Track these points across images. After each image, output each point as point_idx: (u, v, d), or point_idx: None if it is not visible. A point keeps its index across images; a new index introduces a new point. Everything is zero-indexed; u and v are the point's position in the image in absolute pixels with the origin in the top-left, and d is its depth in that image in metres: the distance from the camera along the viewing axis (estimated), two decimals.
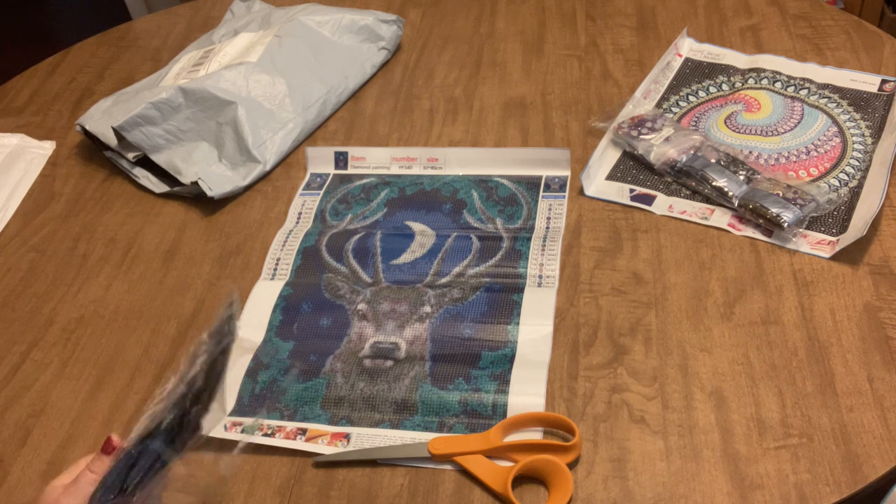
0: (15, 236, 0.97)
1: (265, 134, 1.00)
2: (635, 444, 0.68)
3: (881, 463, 0.65)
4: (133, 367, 0.80)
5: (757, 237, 0.84)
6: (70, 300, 0.88)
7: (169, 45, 1.26)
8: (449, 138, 1.02)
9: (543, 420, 0.70)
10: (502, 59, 1.14)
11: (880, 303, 0.76)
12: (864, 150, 0.92)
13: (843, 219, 0.84)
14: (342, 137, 1.05)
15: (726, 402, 0.70)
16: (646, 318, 0.78)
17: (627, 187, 0.91)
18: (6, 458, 0.74)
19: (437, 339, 0.78)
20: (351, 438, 0.71)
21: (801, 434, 0.67)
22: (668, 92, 1.04)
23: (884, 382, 0.70)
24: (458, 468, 0.68)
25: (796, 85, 1.02)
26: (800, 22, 1.13)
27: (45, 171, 1.06)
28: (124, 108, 1.00)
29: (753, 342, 0.75)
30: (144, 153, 1.00)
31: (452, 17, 1.24)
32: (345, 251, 0.88)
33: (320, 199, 0.95)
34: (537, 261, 0.84)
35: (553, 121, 1.02)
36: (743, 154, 0.92)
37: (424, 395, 0.73)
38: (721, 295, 0.79)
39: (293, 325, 0.81)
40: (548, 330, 0.77)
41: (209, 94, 1.00)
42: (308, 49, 1.09)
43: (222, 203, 0.97)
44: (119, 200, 1.00)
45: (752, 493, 0.64)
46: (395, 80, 1.13)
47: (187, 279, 0.88)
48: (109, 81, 1.20)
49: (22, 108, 1.17)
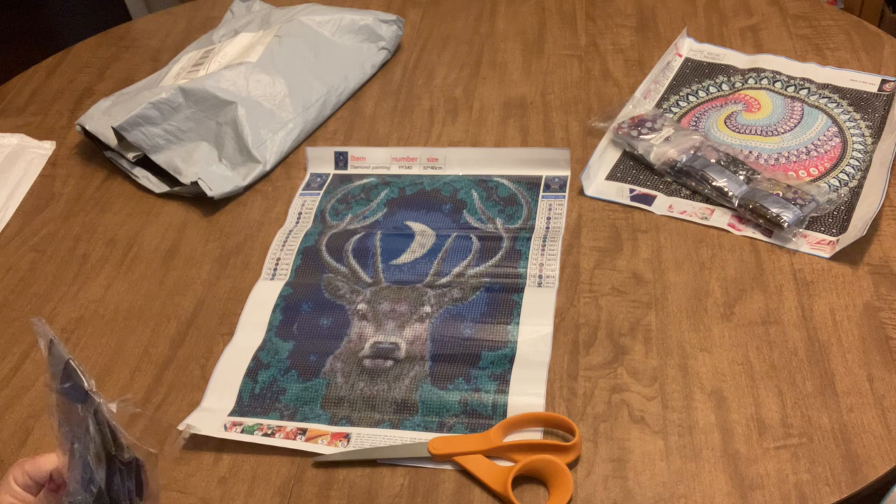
0: (15, 236, 0.97)
1: (265, 134, 1.01)
2: (635, 444, 0.68)
3: (881, 463, 0.65)
4: (133, 367, 0.80)
5: (757, 237, 0.84)
6: (70, 300, 0.88)
7: (169, 45, 1.26)
8: (449, 138, 1.02)
9: (543, 420, 0.70)
10: (502, 59, 1.14)
11: (880, 303, 0.76)
12: (864, 150, 0.92)
13: (843, 219, 0.84)
14: (342, 137, 1.05)
15: (726, 402, 0.70)
16: (646, 318, 0.78)
17: (627, 187, 0.91)
18: (6, 458, 0.74)
19: (437, 339, 0.78)
20: (351, 438, 0.71)
21: (801, 434, 0.67)
22: (668, 92, 1.04)
23: (884, 382, 0.70)
24: (458, 468, 0.68)
25: (796, 85, 1.02)
26: (800, 22, 1.13)
27: (45, 171, 1.06)
28: (124, 108, 1.00)
29: (753, 342, 0.75)
30: (144, 153, 1.00)
31: (452, 17, 1.24)
32: (345, 251, 0.88)
33: (320, 199, 0.95)
34: (537, 261, 0.84)
35: (553, 121, 1.02)
36: (743, 154, 0.92)
37: (424, 395, 0.73)
38: (721, 295, 0.79)
39: (293, 325, 0.81)
40: (548, 330, 0.77)
41: (209, 94, 1.00)
42: (308, 49, 1.09)
43: (222, 203, 0.97)
44: (119, 200, 1.00)
45: (752, 493, 0.64)
46: (395, 80, 1.13)
47: (187, 279, 0.88)
48: (109, 81, 1.20)
49: (22, 108, 1.17)
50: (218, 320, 0.83)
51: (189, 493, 0.69)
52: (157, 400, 0.77)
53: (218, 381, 0.77)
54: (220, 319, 0.84)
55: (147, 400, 0.77)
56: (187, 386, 0.78)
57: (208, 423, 0.73)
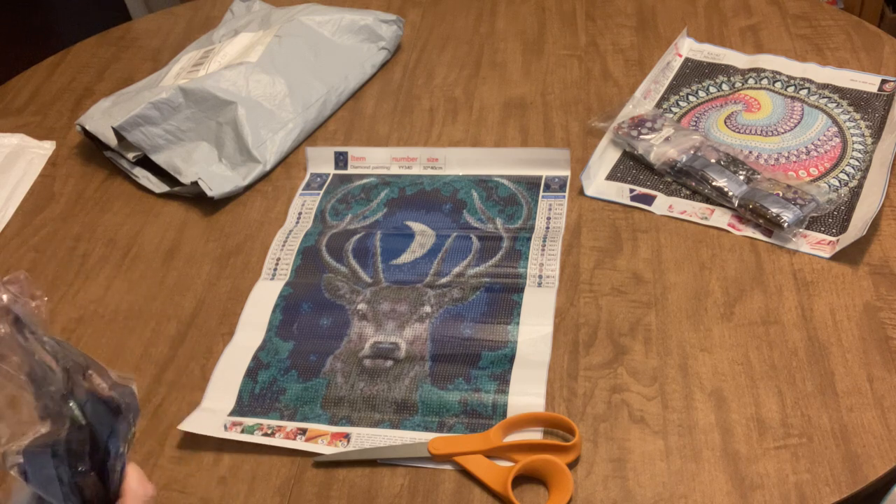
0: (15, 236, 0.97)
1: (265, 134, 1.01)
2: (635, 444, 0.68)
3: (881, 463, 0.65)
4: (133, 367, 0.80)
5: (757, 237, 0.84)
6: (70, 300, 0.88)
7: (169, 45, 1.26)
8: (449, 138, 1.02)
9: (543, 420, 0.70)
10: (502, 59, 1.14)
11: (880, 303, 0.76)
12: (864, 150, 0.92)
13: (843, 219, 0.84)
14: (342, 137, 1.05)
15: (726, 402, 0.70)
16: (646, 318, 0.78)
17: (627, 187, 0.91)
18: None
19: (437, 339, 0.78)
20: (351, 438, 0.71)
21: (801, 434, 0.67)
22: (668, 92, 1.04)
23: (884, 382, 0.70)
24: (458, 468, 0.68)
25: (796, 85, 1.02)
26: (800, 22, 1.13)
27: (45, 171, 1.06)
28: (124, 108, 1.00)
29: (753, 342, 0.75)
30: (144, 153, 1.00)
31: (452, 17, 1.24)
32: (345, 251, 0.88)
33: (320, 199, 0.95)
34: (537, 261, 0.84)
35: (553, 121, 1.02)
36: (743, 154, 0.92)
37: (424, 395, 0.73)
38: (721, 295, 0.79)
39: (293, 325, 0.81)
40: (548, 330, 0.77)
41: (209, 94, 1.00)
42: (308, 49, 1.09)
43: (222, 203, 0.97)
44: (119, 200, 1.00)
45: (752, 493, 0.64)
46: (395, 80, 1.13)
47: (187, 279, 0.88)
48: (109, 81, 1.20)
49: (22, 108, 1.17)
50: (218, 320, 0.84)
51: (189, 493, 0.69)
52: (157, 400, 0.77)
53: (218, 381, 0.77)
54: (220, 319, 0.84)
55: (147, 400, 0.77)
56: (187, 386, 0.78)
57: (208, 423, 0.73)
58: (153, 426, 0.75)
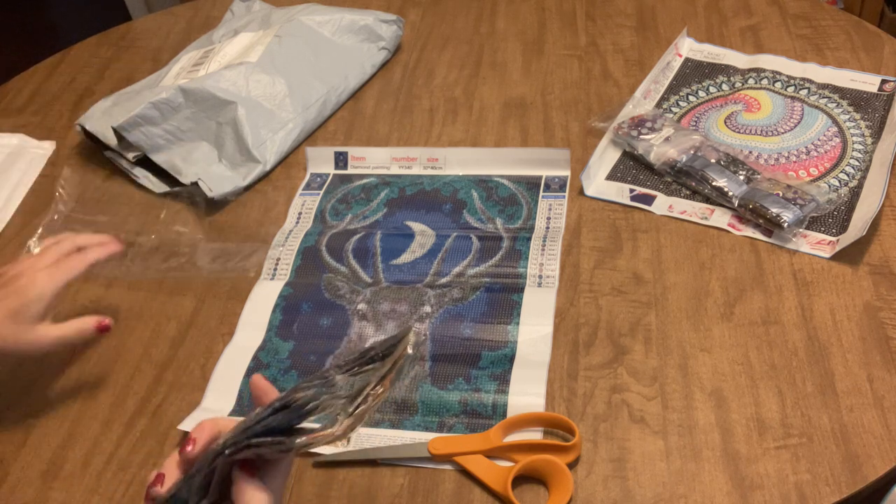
0: (15, 236, 0.97)
1: (265, 134, 1.01)
2: (635, 444, 0.68)
3: (881, 463, 0.65)
4: (133, 367, 0.80)
5: (757, 237, 0.84)
6: (70, 300, 0.88)
7: (169, 45, 1.26)
8: (449, 138, 1.02)
9: (543, 420, 0.70)
10: (502, 59, 1.14)
11: (880, 303, 0.76)
12: (864, 150, 0.92)
13: (843, 219, 0.84)
14: (342, 137, 1.05)
15: (726, 402, 0.70)
16: (646, 318, 0.78)
17: (627, 187, 0.91)
18: (6, 458, 0.74)
19: (437, 339, 0.78)
20: (351, 438, 0.71)
21: (801, 434, 0.67)
22: (668, 92, 1.04)
23: (884, 382, 0.70)
24: (458, 468, 0.68)
25: (796, 85, 1.02)
26: (800, 22, 1.13)
27: (45, 171, 1.06)
28: (124, 108, 1.00)
29: (753, 342, 0.75)
30: (144, 153, 1.00)
31: (452, 17, 1.24)
32: (345, 251, 0.88)
33: (320, 199, 0.95)
34: (537, 261, 0.84)
35: (553, 121, 1.02)
36: (743, 154, 0.92)
37: (424, 395, 0.73)
38: (721, 295, 0.79)
39: (293, 325, 0.81)
40: (548, 330, 0.77)
41: (209, 94, 1.00)
42: (308, 49, 1.09)
43: (222, 203, 0.97)
44: (119, 200, 1.00)
45: (752, 493, 0.64)
46: (395, 80, 1.13)
47: (187, 279, 0.88)
48: (109, 81, 1.20)
49: (22, 108, 1.17)
50: (218, 320, 0.83)
51: None
52: (157, 400, 0.77)
53: (218, 381, 0.77)
54: (220, 319, 0.84)
55: (147, 400, 0.77)
56: (187, 386, 0.78)
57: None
58: (153, 426, 0.75)
